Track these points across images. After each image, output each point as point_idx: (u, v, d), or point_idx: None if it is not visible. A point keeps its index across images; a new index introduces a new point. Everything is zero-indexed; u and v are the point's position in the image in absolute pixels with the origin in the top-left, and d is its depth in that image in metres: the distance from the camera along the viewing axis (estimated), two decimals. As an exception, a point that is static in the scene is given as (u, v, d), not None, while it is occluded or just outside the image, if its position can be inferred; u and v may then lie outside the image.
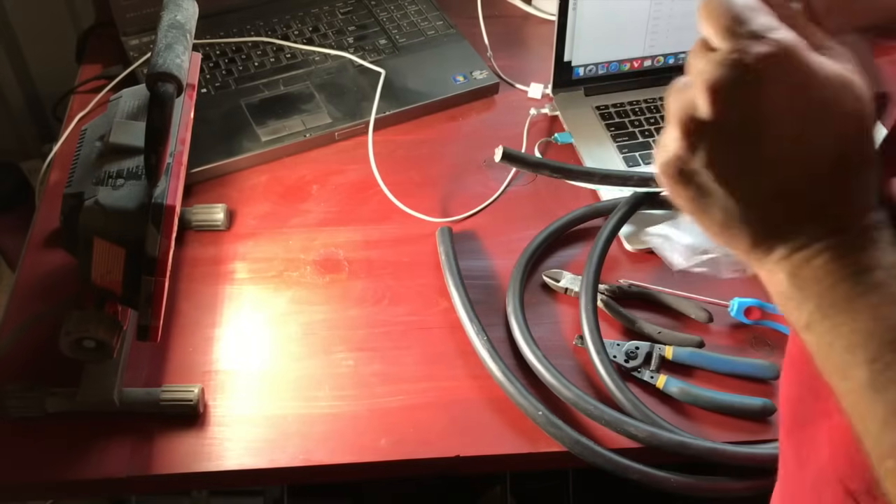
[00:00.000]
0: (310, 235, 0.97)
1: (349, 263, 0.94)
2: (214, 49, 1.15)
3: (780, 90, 0.38)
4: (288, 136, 1.04)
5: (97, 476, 0.76)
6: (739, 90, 0.39)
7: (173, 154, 0.72)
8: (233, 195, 1.00)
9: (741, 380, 0.84)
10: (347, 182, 1.03)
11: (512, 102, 1.13)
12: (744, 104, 0.39)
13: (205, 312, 0.89)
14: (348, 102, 1.09)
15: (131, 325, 0.82)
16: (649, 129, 1.08)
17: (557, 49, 1.07)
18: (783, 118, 0.39)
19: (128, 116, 0.76)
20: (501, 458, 0.79)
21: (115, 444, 0.78)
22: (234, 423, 0.80)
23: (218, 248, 0.95)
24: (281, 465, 0.78)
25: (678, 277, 0.91)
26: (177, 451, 0.78)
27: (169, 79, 0.67)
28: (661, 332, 0.87)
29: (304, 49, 1.15)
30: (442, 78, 1.13)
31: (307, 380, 0.84)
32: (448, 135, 1.09)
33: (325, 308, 0.90)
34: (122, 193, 0.70)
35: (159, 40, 0.70)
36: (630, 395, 0.80)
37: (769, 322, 0.87)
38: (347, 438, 0.79)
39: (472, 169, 1.04)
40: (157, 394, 0.79)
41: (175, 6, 0.74)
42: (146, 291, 0.71)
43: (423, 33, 1.19)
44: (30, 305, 0.88)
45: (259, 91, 1.10)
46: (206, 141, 1.02)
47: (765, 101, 0.38)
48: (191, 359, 0.85)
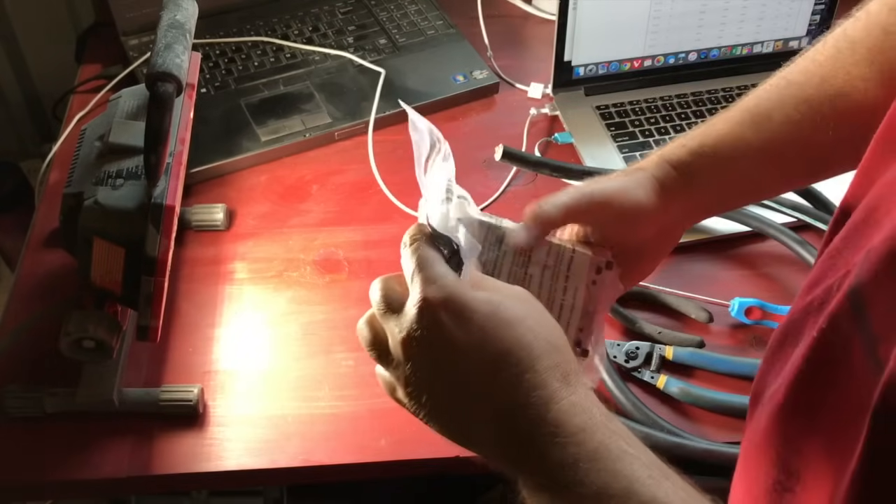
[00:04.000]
0: (310, 235, 0.96)
1: (349, 263, 0.94)
2: (214, 49, 1.15)
3: (454, 322, 0.46)
4: (288, 136, 1.04)
5: (97, 476, 0.76)
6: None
7: (173, 154, 0.72)
8: (232, 195, 1.00)
9: (742, 380, 0.84)
10: (347, 182, 1.03)
11: (512, 102, 1.13)
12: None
13: (205, 312, 0.89)
14: (348, 102, 1.09)
15: (131, 325, 0.82)
16: (649, 129, 1.08)
17: (557, 49, 1.07)
18: (458, 344, 0.46)
19: (127, 116, 0.76)
20: (501, 458, 0.79)
21: (114, 444, 0.78)
22: (233, 423, 0.80)
23: (218, 248, 0.95)
24: (281, 465, 0.78)
25: (678, 277, 0.91)
26: (177, 452, 0.78)
27: (169, 79, 0.67)
28: (662, 332, 0.87)
29: (304, 49, 1.15)
30: (442, 78, 1.13)
31: (307, 380, 0.84)
32: (448, 135, 1.07)
33: (325, 308, 0.90)
34: (121, 193, 0.70)
35: (159, 40, 0.70)
36: (630, 395, 0.79)
37: (770, 322, 0.87)
38: (347, 438, 0.79)
39: (473, 169, 1.04)
40: (156, 394, 0.79)
41: (175, 6, 0.74)
42: (146, 291, 0.71)
43: (423, 33, 1.19)
44: (29, 305, 0.88)
45: (259, 91, 1.10)
46: (206, 141, 1.02)
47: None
48: (190, 359, 0.85)
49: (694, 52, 1.12)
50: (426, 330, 0.46)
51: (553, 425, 0.45)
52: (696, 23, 1.09)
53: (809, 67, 0.65)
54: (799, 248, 0.92)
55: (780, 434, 0.44)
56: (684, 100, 1.11)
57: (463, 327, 0.46)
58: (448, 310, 0.46)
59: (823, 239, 0.50)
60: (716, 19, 1.10)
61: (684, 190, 0.63)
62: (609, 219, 0.61)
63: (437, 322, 0.46)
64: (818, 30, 1.14)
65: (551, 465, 0.44)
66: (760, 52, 1.14)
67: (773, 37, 1.13)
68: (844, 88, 0.62)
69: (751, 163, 0.64)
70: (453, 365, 0.46)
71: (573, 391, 0.46)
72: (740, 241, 0.97)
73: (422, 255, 0.49)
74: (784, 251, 0.94)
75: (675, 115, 1.09)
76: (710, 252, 0.96)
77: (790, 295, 0.91)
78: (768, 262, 0.95)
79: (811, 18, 1.13)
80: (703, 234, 0.96)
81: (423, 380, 0.47)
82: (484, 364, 0.46)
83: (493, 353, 0.46)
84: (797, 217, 0.96)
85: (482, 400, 0.46)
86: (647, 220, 0.62)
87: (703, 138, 0.64)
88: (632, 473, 0.44)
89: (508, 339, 0.46)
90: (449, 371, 0.47)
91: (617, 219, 0.61)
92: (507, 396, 0.46)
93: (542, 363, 0.46)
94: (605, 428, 0.45)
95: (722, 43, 1.12)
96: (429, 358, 0.47)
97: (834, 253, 0.46)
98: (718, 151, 0.64)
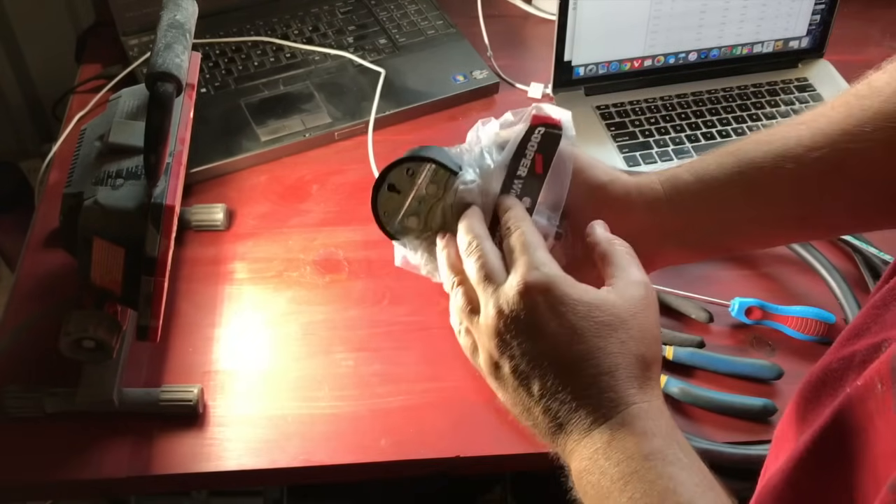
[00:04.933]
0: (309, 235, 0.96)
1: (349, 263, 0.94)
2: (214, 49, 1.15)
3: (549, 311, 0.50)
4: (288, 136, 1.04)
5: (97, 476, 0.76)
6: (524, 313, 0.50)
7: (173, 154, 0.72)
8: (232, 195, 1.00)
9: (742, 380, 0.84)
10: (347, 182, 1.03)
11: (512, 102, 1.13)
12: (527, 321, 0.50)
13: (204, 312, 0.89)
14: (348, 102, 1.09)
15: (131, 325, 0.82)
16: (649, 129, 1.08)
17: (557, 49, 1.07)
18: (548, 331, 0.50)
19: (127, 116, 0.76)
20: (501, 458, 0.79)
21: (114, 444, 0.78)
22: (234, 423, 0.80)
23: (217, 248, 0.95)
24: (281, 465, 0.78)
25: (678, 277, 0.91)
26: (176, 452, 0.78)
27: (168, 78, 0.67)
28: (662, 332, 0.86)
29: (304, 49, 1.15)
30: (442, 77, 1.13)
31: (307, 380, 0.83)
32: (448, 134, 1.09)
33: (325, 308, 0.90)
34: (121, 193, 0.70)
35: (159, 40, 0.70)
36: (630, 395, 0.79)
37: (770, 322, 0.87)
38: (348, 439, 0.79)
39: (472, 169, 1.04)
40: (156, 394, 0.79)
41: (175, 6, 0.74)
42: (146, 291, 0.71)
43: (423, 33, 1.19)
44: (29, 305, 0.88)
45: (259, 91, 1.10)
46: (206, 141, 1.02)
47: (538, 318, 0.50)
48: (190, 359, 0.85)
49: (694, 52, 1.12)
50: (523, 312, 0.50)
51: (618, 424, 0.48)
52: (696, 23, 1.09)
53: (824, 111, 0.61)
54: (799, 248, 0.93)
55: (797, 483, 0.45)
56: (684, 100, 1.11)
57: (557, 319, 0.50)
58: (547, 297, 0.50)
59: (877, 284, 0.50)
60: (716, 19, 1.10)
61: (662, 207, 0.62)
62: (578, 188, 0.60)
63: (535, 307, 0.50)
64: (818, 30, 1.14)
65: (607, 461, 0.47)
66: (760, 52, 1.14)
67: (773, 37, 1.13)
68: (855, 140, 0.59)
69: (730, 195, 0.61)
70: (540, 349, 0.50)
71: (647, 398, 0.49)
72: (740, 241, 0.97)
73: (527, 239, 0.53)
74: (784, 251, 0.94)
75: (675, 115, 1.09)
76: (711, 252, 0.96)
77: (790, 295, 0.91)
78: (768, 262, 0.95)
79: (811, 18, 1.13)
80: (703, 234, 0.96)
81: (508, 356, 0.51)
82: (566, 357, 0.49)
83: (577, 351, 0.49)
84: (797, 217, 0.96)
85: (557, 388, 0.49)
86: (618, 209, 0.61)
87: (700, 162, 0.63)
88: (678, 477, 0.46)
89: (594, 345, 0.49)
90: (536, 355, 0.50)
91: (585, 190, 0.61)
92: (580, 391, 0.49)
93: (621, 372, 0.49)
94: (666, 435, 0.48)
95: (722, 43, 1.12)
96: (520, 338, 0.50)
97: (879, 304, 0.46)
98: (703, 177, 0.61)
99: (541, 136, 0.60)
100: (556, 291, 0.50)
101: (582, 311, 0.50)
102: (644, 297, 0.52)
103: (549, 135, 0.60)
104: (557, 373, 0.49)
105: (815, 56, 1.17)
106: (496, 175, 0.60)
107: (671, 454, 0.47)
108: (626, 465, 0.46)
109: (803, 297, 0.91)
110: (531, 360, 0.50)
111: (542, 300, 0.50)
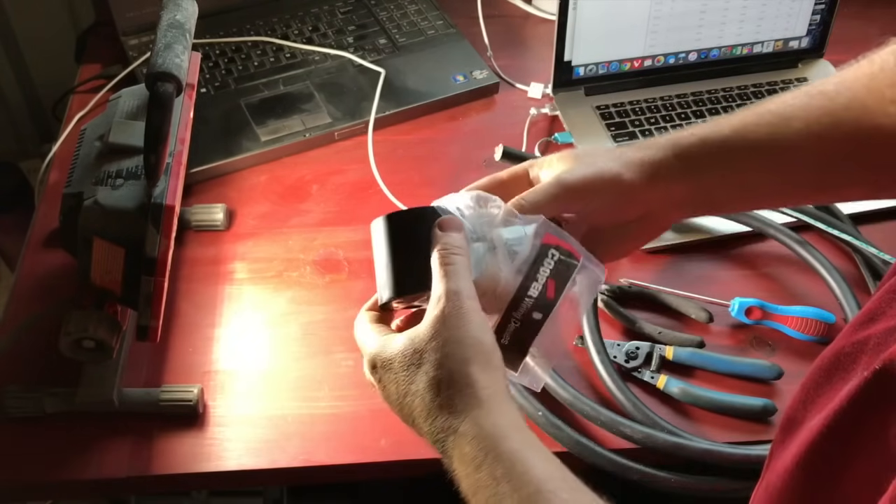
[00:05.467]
0: (309, 235, 0.96)
1: (349, 263, 0.94)
2: (214, 49, 1.15)
3: (385, 377, 0.57)
4: (288, 136, 1.04)
5: (97, 476, 0.76)
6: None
7: (173, 154, 0.72)
8: (232, 195, 1.00)
9: (742, 380, 0.84)
10: (347, 182, 1.03)
11: (512, 102, 1.13)
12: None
13: (204, 312, 0.89)
14: (348, 102, 1.09)
15: (131, 325, 0.82)
16: (649, 129, 1.08)
17: (557, 49, 1.07)
18: (391, 392, 0.56)
19: (127, 116, 0.76)
20: (501, 458, 0.79)
21: (114, 444, 0.78)
22: (234, 423, 0.80)
23: (217, 248, 0.95)
24: (281, 465, 0.78)
25: (678, 277, 0.91)
26: (176, 452, 0.78)
27: (168, 78, 0.67)
28: (662, 332, 0.86)
29: (304, 49, 1.15)
30: (442, 77, 1.13)
31: (307, 380, 0.83)
32: (448, 134, 1.09)
33: (325, 308, 0.90)
34: (121, 193, 0.70)
35: (159, 40, 0.70)
36: (630, 395, 0.79)
37: (770, 322, 0.87)
38: (348, 439, 0.79)
39: (473, 168, 1.04)
40: (156, 394, 0.79)
41: (175, 6, 0.74)
42: (145, 291, 0.71)
43: (423, 33, 1.19)
44: (29, 305, 0.88)
45: (259, 91, 1.10)
46: (206, 141, 1.02)
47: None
48: (190, 359, 0.85)
49: (694, 52, 1.12)
50: (376, 378, 0.58)
51: (455, 455, 0.54)
52: (696, 23, 1.09)
53: (844, 81, 0.62)
54: (799, 248, 0.92)
55: (810, 466, 0.44)
56: (684, 100, 1.11)
57: (394, 383, 0.56)
58: (382, 366, 0.57)
59: (890, 269, 0.50)
60: (716, 19, 1.10)
61: (678, 177, 0.62)
62: (588, 205, 0.61)
63: (378, 378, 0.58)
64: (818, 30, 1.14)
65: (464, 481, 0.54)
66: (760, 52, 1.14)
67: (773, 37, 1.13)
68: (874, 109, 0.59)
69: (754, 164, 0.62)
70: (392, 402, 0.57)
71: (458, 420, 0.52)
72: (740, 241, 0.97)
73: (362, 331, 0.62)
74: (784, 251, 0.94)
75: (675, 115, 1.09)
76: (710, 252, 0.96)
77: (790, 295, 0.91)
78: (768, 262, 0.95)
79: (811, 18, 1.13)
80: (703, 234, 0.96)
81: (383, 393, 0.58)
82: (404, 410, 0.56)
83: (407, 403, 0.55)
84: (797, 217, 0.96)
85: (415, 426, 0.56)
86: (629, 201, 0.61)
87: (716, 129, 0.63)
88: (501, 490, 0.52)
89: (411, 391, 0.54)
90: (392, 402, 0.57)
91: (598, 204, 0.61)
92: (426, 434, 0.55)
93: (433, 407, 0.53)
94: (484, 455, 0.53)
95: (722, 43, 1.12)
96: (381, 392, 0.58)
97: (894, 289, 0.45)
98: (724, 144, 0.62)
99: (554, 263, 0.58)
100: (379, 360, 0.57)
101: (396, 366, 0.55)
102: (441, 313, 0.54)
103: (563, 262, 0.58)
104: (405, 420, 0.56)
105: (814, 56, 1.17)
106: (506, 281, 0.59)
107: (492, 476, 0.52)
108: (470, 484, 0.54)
109: (803, 297, 0.91)
110: (392, 404, 0.57)
111: (380, 370, 0.57)
